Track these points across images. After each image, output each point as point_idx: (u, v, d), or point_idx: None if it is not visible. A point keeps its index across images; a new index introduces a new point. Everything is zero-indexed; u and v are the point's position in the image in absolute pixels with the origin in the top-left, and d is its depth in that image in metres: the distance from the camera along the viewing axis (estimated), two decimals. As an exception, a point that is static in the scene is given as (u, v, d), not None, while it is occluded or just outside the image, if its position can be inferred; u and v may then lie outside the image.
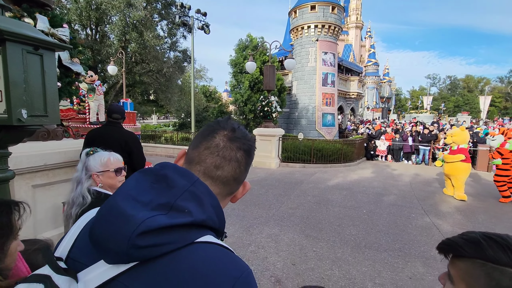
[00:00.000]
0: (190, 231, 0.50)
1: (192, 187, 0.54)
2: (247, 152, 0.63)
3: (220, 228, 0.57)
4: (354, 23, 41.55)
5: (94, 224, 0.51)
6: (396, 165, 11.63)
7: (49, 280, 0.49)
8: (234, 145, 0.60)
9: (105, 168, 1.55)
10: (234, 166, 0.60)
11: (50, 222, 2.71)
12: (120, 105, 3.18)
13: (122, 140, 2.77)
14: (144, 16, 15.23)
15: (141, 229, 0.45)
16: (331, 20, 16.40)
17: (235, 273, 0.48)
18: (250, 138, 0.64)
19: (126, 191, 0.53)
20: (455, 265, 0.64)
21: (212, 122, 0.66)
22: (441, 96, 62.95)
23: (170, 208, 0.50)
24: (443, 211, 5.65)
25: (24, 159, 2.34)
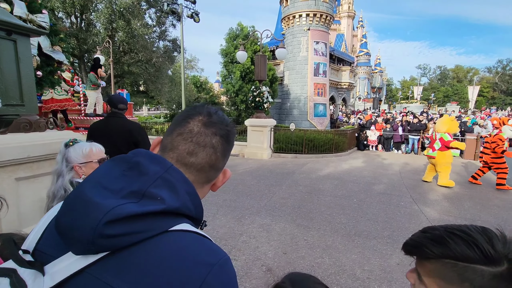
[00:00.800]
0: (164, 219, 0.48)
1: (166, 173, 0.52)
2: (225, 137, 0.60)
3: (197, 216, 0.55)
4: (346, 12, 41.30)
5: (59, 213, 0.49)
6: (386, 155, 11.80)
7: (15, 273, 0.47)
8: (210, 130, 0.58)
9: (87, 159, 1.50)
10: (209, 152, 0.57)
11: (36, 215, 2.64)
12: (122, 95, 3.11)
13: (127, 130, 2.74)
14: (131, 4, 14.77)
15: (109, 217, 0.43)
16: (323, 9, 16.22)
17: (210, 260, 0.46)
18: (228, 123, 0.62)
19: (95, 179, 0.51)
20: (424, 266, 0.60)
21: (188, 107, 0.63)
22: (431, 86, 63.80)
23: (142, 195, 0.48)
24: (431, 199, 5.78)
25: (6, 151, 2.25)
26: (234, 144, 0.67)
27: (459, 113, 20.81)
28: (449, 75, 67.20)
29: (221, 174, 0.65)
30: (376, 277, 2.95)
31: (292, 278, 0.77)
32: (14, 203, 2.47)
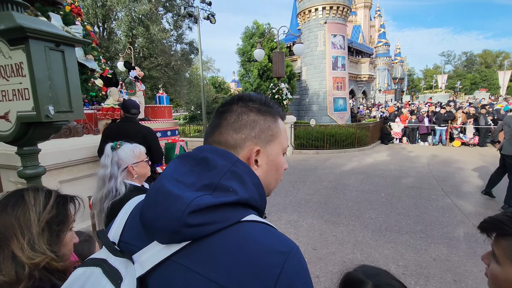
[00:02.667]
0: (236, 210, 0.50)
1: (234, 167, 0.54)
2: (261, 110, 0.62)
3: (262, 206, 0.57)
4: (363, 2, 40.00)
5: (143, 207, 0.53)
6: (412, 147, 11.38)
7: (106, 263, 0.51)
8: (244, 109, 0.61)
9: (138, 159, 1.60)
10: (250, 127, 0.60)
11: (78, 215, 2.81)
12: (134, 100, 3.22)
13: (141, 134, 2.82)
14: (149, 10, 15.18)
15: (192, 208, 0.46)
16: (339, 1, 15.83)
17: (284, 249, 0.48)
18: (260, 99, 0.64)
19: (169, 175, 0.54)
20: (500, 244, 0.62)
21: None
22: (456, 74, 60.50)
23: (215, 188, 0.50)
24: (464, 191, 5.51)
25: (50, 156, 2.41)
26: None
27: (490, 101, 19.57)
28: (476, 61, 63.33)
29: None
30: (411, 272, 2.86)
31: (366, 271, 0.77)
32: (58, 205, 2.65)
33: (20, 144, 1.37)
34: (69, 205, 0.91)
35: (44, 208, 0.82)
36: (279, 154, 0.64)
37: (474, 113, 11.56)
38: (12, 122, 1.30)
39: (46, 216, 0.82)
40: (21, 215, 0.79)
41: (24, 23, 1.13)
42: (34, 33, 1.16)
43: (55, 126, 1.38)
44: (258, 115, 0.61)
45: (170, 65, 18.37)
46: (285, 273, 0.45)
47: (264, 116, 0.62)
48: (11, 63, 1.24)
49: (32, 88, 1.22)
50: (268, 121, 0.62)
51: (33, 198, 0.83)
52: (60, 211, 0.87)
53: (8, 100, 1.29)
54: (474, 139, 11.04)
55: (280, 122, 0.65)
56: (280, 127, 0.65)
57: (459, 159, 8.66)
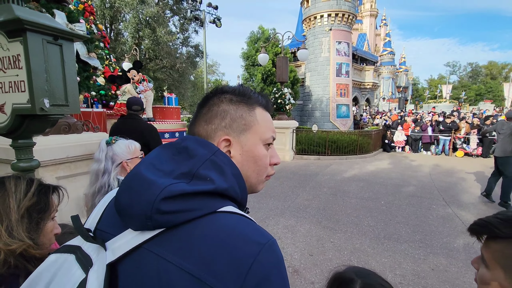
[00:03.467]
0: (212, 199, 0.49)
1: (213, 156, 0.53)
2: (232, 99, 0.61)
3: (242, 199, 0.56)
4: (369, 11, 40.20)
5: (118, 192, 0.52)
6: (415, 156, 11.30)
7: (79, 250, 0.50)
8: (216, 100, 0.61)
9: (133, 155, 1.59)
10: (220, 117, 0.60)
11: (73, 213, 2.80)
12: (138, 98, 3.26)
13: (139, 131, 2.85)
14: (156, 12, 15.36)
15: (164, 194, 0.45)
16: (345, 8, 15.92)
17: (260, 240, 0.47)
18: (234, 89, 0.64)
19: (148, 161, 0.54)
20: (489, 248, 0.60)
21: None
22: (461, 85, 60.35)
23: (192, 176, 0.50)
24: (466, 201, 5.44)
25: (48, 151, 2.41)
26: None
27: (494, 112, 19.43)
28: (482, 72, 63.10)
29: None
30: (409, 282, 2.81)
31: (357, 271, 0.75)
32: (54, 201, 2.65)
33: (15, 137, 1.38)
34: (51, 194, 0.90)
35: (25, 195, 0.82)
36: (256, 144, 0.61)
37: (478, 123, 11.49)
38: (7, 114, 1.30)
39: (26, 203, 0.82)
40: (0, 202, 0.78)
41: (23, 15, 1.14)
42: (32, 26, 1.16)
43: (51, 119, 1.38)
44: (230, 104, 0.61)
45: (175, 68, 18.53)
46: (258, 263, 0.44)
47: (235, 106, 0.61)
48: (9, 55, 1.25)
49: (28, 80, 1.22)
50: (241, 110, 0.61)
51: (14, 185, 0.82)
52: (41, 199, 0.86)
53: (4, 92, 1.29)
54: (478, 149, 10.94)
55: (257, 111, 0.63)
56: (257, 117, 0.62)
57: (461, 169, 8.58)
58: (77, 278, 0.46)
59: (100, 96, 6.82)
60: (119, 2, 14.64)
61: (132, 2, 14.67)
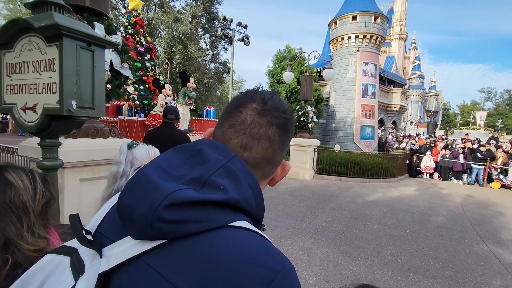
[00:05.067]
0: (223, 211, 0.44)
1: (229, 163, 0.48)
2: (282, 127, 0.54)
3: (258, 214, 0.50)
4: (398, 34, 39.76)
5: (122, 192, 0.48)
6: (444, 184, 10.61)
7: (75, 253, 0.47)
8: (265, 119, 0.52)
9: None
10: (265, 145, 0.52)
11: (92, 215, 2.86)
12: (174, 107, 3.39)
13: (176, 139, 3.00)
14: (189, 30, 16.20)
15: (169, 200, 0.40)
16: (373, 30, 15.86)
17: (275, 265, 0.40)
18: (285, 110, 0.56)
19: (157, 163, 0.49)
20: None
21: (240, 93, 0.58)
22: (497, 112, 56.96)
23: (204, 183, 0.44)
24: (504, 238, 4.94)
25: (74, 153, 2.52)
26: None
27: (536, 143, 17.95)
28: (521, 100, 59.41)
29: (280, 168, 0.59)
30: (436, 323, 2.54)
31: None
32: (77, 202, 2.72)
33: (43, 136, 1.43)
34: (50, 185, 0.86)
35: (35, 190, 0.79)
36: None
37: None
38: (38, 114, 1.36)
39: (43, 200, 0.79)
40: (15, 199, 0.75)
41: (61, 22, 1.21)
42: (68, 31, 1.23)
43: (77, 121, 1.43)
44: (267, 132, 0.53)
45: (202, 82, 19.20)
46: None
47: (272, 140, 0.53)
48: (46, 59, 1.32)
49: (59, 82, 1.28)
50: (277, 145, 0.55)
51: (20, 180, 0.78)
52: (48, 192, 0.82)
53: (38, 93, 1.36)
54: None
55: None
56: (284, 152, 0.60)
57: (498, 202, 7.89)
58: (66, 285, 0.43)
59: (143, 105, 7.11)
60: (156, 20, 15.62)
61: (168, 20, 15.62)
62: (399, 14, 39.70)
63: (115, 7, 17.25)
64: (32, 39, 1.36)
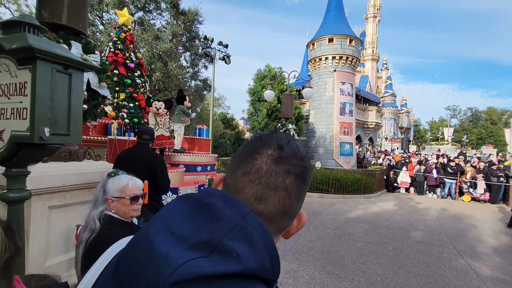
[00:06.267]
0: (236, 283, 0.38)
1: (243, 221, 0.42)
2: (300, 176, 0.49)
3: (274, 278, 0.44)
4: (370, 55, 42.20)
5: (120, 259, 0.42)
6: (420, 198, 10.99)
7: None
8: (282, 168, 0.47)
9: (121, 194, 1.45)
10: (282, 196, 0.47)
11: (62, 245, 2.62)
12: (150, 128, 3.24)
13: (147, 160, 2.82)
14: (169, 48, 16.19)
15: (176, 277, 0.35)
16: (349, 52, 16.70)
17: None
18: (303, 157, 0.51)
19: (161, 222, 0.44)
20: None
21: (253, 137, 0.53)
22: (462, 128, 61.00)
23: (214, 248, 0.39)
24: (479, 251, 5.11)
25: (44, 179, 2.33)
26: None
27: (498, 157, 19.26)
28: (482, 117, 64.16)
29: (296, 220, 0.53)
30: None
31: None
32: (44, 231, 2.48)
33: (9, 165, 1.30)
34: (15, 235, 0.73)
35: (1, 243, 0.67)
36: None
37: (483, 168, 11.32)
38: (4, 141, 1.24)
39: (5, 255, 0.67)
40: None
41: (35, 44, 1.13)
42: (43, 54, 1.15)
43: (49, 148, 1.31)
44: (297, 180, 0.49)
45: (182, 99, 19.04)
46: None
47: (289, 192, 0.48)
48: (16, 82, 1.22)
49: (31, 107, 1.18)
50: (306, 188, 0.52)
51: None
52: (14, 244, 0.70)
53: (5, 118, 1.25)
54: (485, 195, 10.64)
55: None
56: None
57: (470, 215, 8.25)
58: None
59: (133, 124, 6.72)
60: (136, 38, 15.49)
61: (147, 38, 15.55)
62: (371, 37, 42.32)
63: (93, 23, 17.01)
64: (2, 61, 1.26)
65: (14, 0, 16.75)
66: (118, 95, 6.76)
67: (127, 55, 7.17)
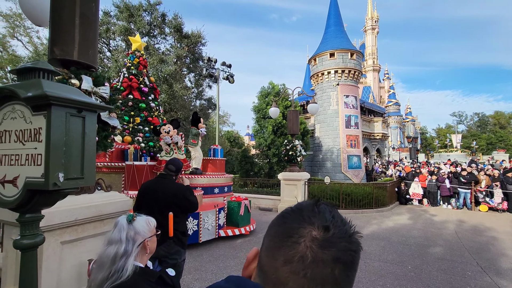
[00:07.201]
0: None
1: None
2: (350, 264, 0.43)
3: None
4: (371, 66, 42.59)
5: None
6: (435, 210, 10.65)
7: None
8: (329, 255, 0.41)
9: (152, 232, 1.45)
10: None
11: (74, 281, 2.56)
12: (177, 160, 3.24)
13: (170, 193, 2.87)
14: (174, 70, 16.58)
15: None
16: (351, 65, 16.86)
17: None
18: (351, 237, 0.44)
19: None
20: None
21: (291, 211, 0.47)
22: (470, 134, 60.11)
23: None
24: (505, 267, 4.86)
25: (56, 214, 2.30)
26: (267, 198, 0.46)
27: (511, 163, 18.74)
28: (489, 122, 63.28)
29: None
30: None
31: None
32: (56, 268, 2.43)
33: (23, 211, 1.28)
34: None
35: None
36: None
37: (498, 176, 11.00)
38: (18, 188, 1.22)
39: None
40: None
41: (50, 91, 1.13)
42: (57, 101, 1.15)
43: (63, 193, 1.29)
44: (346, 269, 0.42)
45: (188, 119, 19.26)
46: None
47: (352, 272, 0.43)
48: (31, 128, 1.22)
49: (45, 154, 1.17)
50: (355, 276, 0.45)
51: None
52: None
53: (20, 165, 1.24)
54: (503, 204, 10.27)
55: None
56: None
57: (490, 226, 7.93)
58: None
59: (149, 147, 6.74)
60: (141, 62, 15.95)
61: (153, 61, 15.98)
62: (370, 49, 42.86)
63: (100, 50, 17.60)
64: (16, 107, 1.27)
65: (26, 32, 17.52)
66: (133, 119, 6.86)
67: (141, 79, 7.33)
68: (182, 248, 2.93)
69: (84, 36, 2.71)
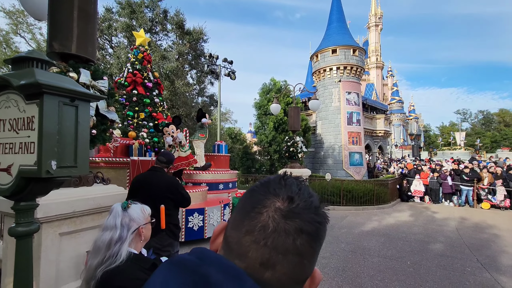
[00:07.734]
0: None
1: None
2: (315, 235, 0.42)
3: None
4: (375, 63, 42.29)
5: None
6: (436, 207, 10.62)
7: None
8: (292, 225, 0.40)
9: (147, 220, 1.48)
10: (293, 261, 0.40)
11: (72, 272, 2.59)
12: (168, 152, 3.27)
13: (162, 185, 2.89)
14: (176, 67, 16.58)
15: None
16: (353, 62, 16.76)
17: None
18: (317, 208, 0.44)
19: None
20: None
21: (259, 184, 0.47)
22: (474, 132, 59.65)
23: None
24: (505, 264, 4.84)
25: (54, 206, 2.33)
26: None
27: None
28: (494, 120, 62.72)
29: (308, 280, 0.45)
30: None
31: None
32: (54, 259, 2.46)
33: (18, 199, 1.30)
34: None
35: None
36: None
37: (501, 173, 10.92)
38: (12, 176, 1.24)
39: None
40: None
41: (42, 80, 1.14)
42: (49, 89, 1.16)
43: (56, 181, 1.31)
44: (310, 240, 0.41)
45: (190, 116, 19.28)
46: None
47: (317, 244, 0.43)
48: (24, 117, 1.23)
49: (38, 142, 1.18)
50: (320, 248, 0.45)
51: None
52: None
53: (14, 153, 1.25)
54: (506, 201, 10.21)
55: None
56: None
57: (492, 224, 7.89)
58: None
59: (153, 143, 6.76)
60: (143, 58, 15.96)
61: (155, 58, 15.99)
62: (374, 45, 42.54)
63: (102, 47, 17.64)
64: (11, 96, 1.28)
65: (29, 29, 17.60)
66: (138, 115, 6.89)
67: (145, 74, 7.34)
68: (175, 240, 2.99)
69: (83, 30, 2.72)
